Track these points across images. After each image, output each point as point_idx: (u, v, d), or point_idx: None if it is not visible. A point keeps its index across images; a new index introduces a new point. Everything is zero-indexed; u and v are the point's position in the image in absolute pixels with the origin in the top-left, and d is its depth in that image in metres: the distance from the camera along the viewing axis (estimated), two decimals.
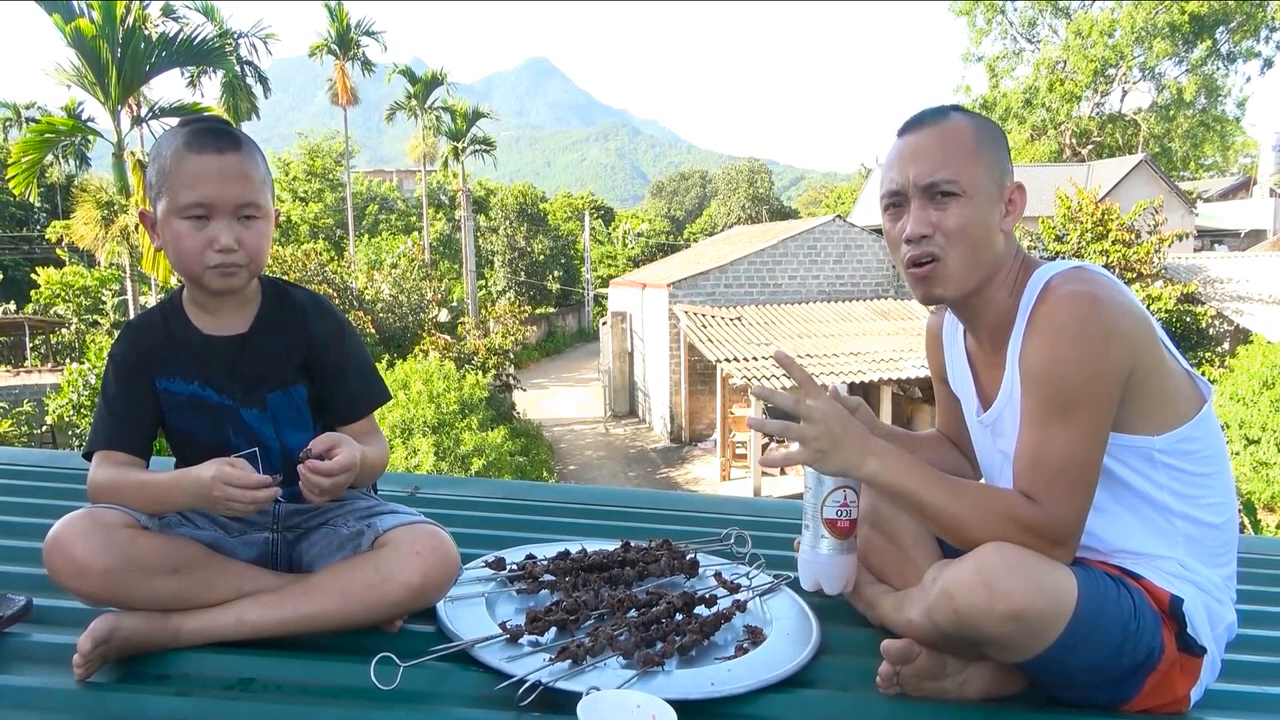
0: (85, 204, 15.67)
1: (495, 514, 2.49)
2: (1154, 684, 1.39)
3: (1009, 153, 1.52)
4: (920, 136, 1.47)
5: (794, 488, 14.84)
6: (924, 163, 1.45)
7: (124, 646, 1.44)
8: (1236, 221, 29.13)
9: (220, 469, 1.41)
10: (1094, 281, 1.36)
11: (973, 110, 1.55)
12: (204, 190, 1.50)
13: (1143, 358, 1.36)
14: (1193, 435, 1.41)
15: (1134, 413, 1.38)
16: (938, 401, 1.83)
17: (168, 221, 1.53)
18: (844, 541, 1.67)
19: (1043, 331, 1.37)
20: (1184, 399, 1.42)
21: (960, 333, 1.66)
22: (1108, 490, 1.42)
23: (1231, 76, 32.99)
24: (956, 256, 1.46)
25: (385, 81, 33.47)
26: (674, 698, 1.32)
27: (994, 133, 1.50)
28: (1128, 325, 1.34)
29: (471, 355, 18.52)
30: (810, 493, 1.67)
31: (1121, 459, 1.41)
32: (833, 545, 1.66)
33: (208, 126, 1.57)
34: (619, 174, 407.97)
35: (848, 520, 1.65)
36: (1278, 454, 11.91)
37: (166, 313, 1.67)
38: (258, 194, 1.56)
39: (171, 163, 1.52)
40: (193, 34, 16.24)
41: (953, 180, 1.43)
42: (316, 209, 36.78)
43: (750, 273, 18.68)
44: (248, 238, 1.55)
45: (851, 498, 1.65)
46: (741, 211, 49.02)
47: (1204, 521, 1.44)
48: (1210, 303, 17.06)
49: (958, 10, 34.89)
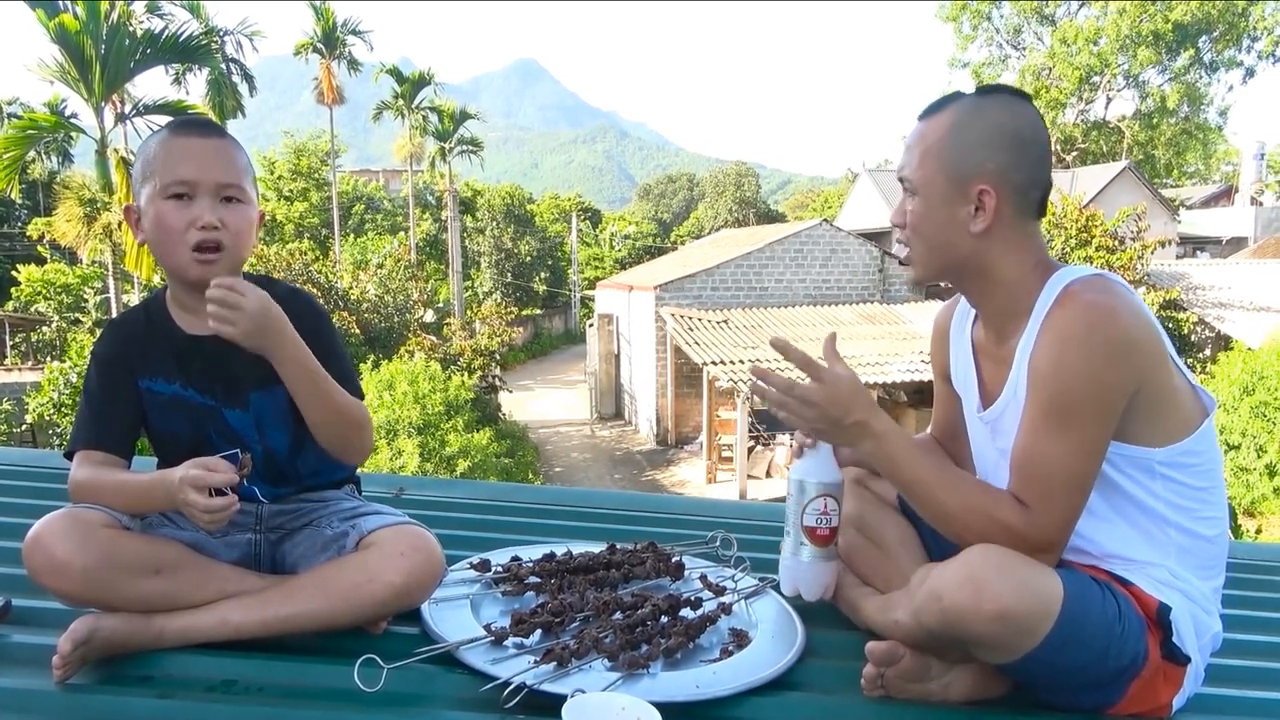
0: (67, 201, 15.51)
1: (480, 515, 2.48)
2: (1137, 690, 1.40)
3: (1010, 149, 1.42)
4: (917, 126, 1.51)
5: (780, 491, 14.87)
6: (905, 153, 1.51)
7: (105, 648, 1.42)
8: (1218, 229, 29.40)
9: (187, 472, 1.39)
10: (1113, 292, 1.36)
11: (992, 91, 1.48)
12: (187, 169, 1.51)
13: (1152, 374, 1.36)
14: (1193, 449, 1.42)
15: (1137, 424, 1.38)
16: (936, 401, 1.82)
17: (151, 206, 1.53)
18: (824, 549, 1.68)
19: (1055, 336, 1.37)
20: (1187, 412, 1.42)
21: (969, 323, 1.64)
22: (1104, 497, 1.43)
23: (1214, 85, 33.30)
24: (915, 249, 1.53)
25: (372, 81, 33.37)
26: (659, 700, 1.32)
27: (985, 129, 1.43)
28: (1141, 340, 1.34)
29: (457, 356, 18.46)
30: (792, 500, 1.68)
31: (1121, 468, 1.42)
32: (813, 553, 1.68)
33: (191, 118, 1.63)
34: (606, 176, 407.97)
35: (828, 528, 1.66)
36: (1258, 459, 12.04)
37: (150, 311, 1.66)
38: (241, 178, 1.56)
39: (156, 150, 1.54)
40: (178, 31, 16.09)
41: (907, 178, 1.49)
42: (302, 208, 36.56)
43: (737, 276, 18.72)
44: (230, 218, 1.54)
45: (832, 506, 1.66)
46: (729, 214, 49.15)
47: (1197, 534, 1.45)
48: (1192, 309, 17.22)
49: (944, 16, 35.08)
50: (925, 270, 1.54)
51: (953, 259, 1.49)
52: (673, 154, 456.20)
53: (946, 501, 1.41)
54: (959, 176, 1.44)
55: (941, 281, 1.55)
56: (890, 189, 26.76)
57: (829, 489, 1.65)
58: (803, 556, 1.68)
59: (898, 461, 1.45)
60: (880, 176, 28.74)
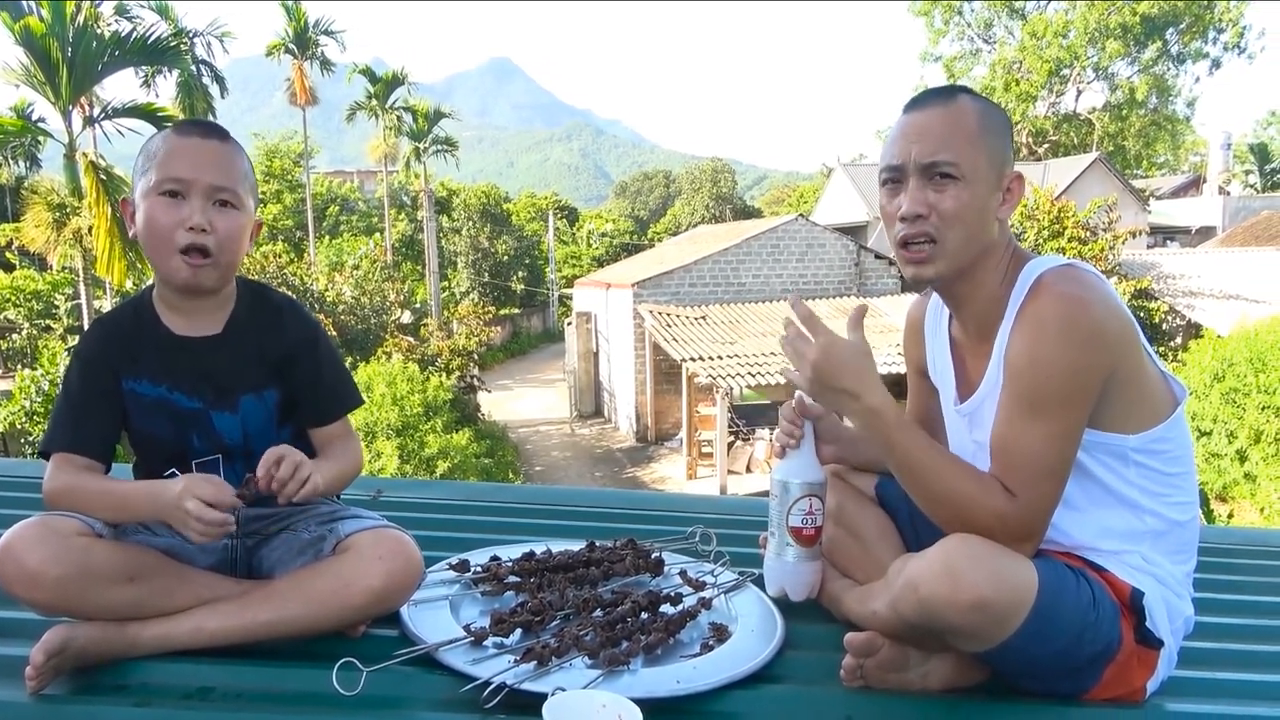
0: (36, 206, 15.30)
1: (460, 516, 2.47)
2: (1112, 675, 1.42)
3: (1012, 141, 1.51)
4: (926, 115, 1.46)
5: (760, 486, 14.93)
6: (927, 142, 1.43)
7: (79, 657, 1.41)
8: (1187, 219, 29.81)
9: (193, 483, 1.38)
10: (1084, 282, 1.37)
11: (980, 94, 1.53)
12: (181, 167, 1.51)
13: (1124, 360, 1.38)
14: (1165, 436, 1.44)
15: (1111, 412, 1.40)
16: (911, 394, 1.82)
17: (145, 202, 1.52)
18: (809, 549, 1.69)
19: (1029, 327, 1.38)
20: (1159, 400, 1.44)
21: (945, 320, 1.65)
22: (1078, 484, 1.44)
23: (1181, 77, 33.72)
24: (950, 240, 1.45)
25: (345, 81, 33.09)
26: (640, 696, 1.32)
27: (1000, 120, 1.48)
28: (1113, 329, 1.36)
29: (435, 357, 18.38)
30: (776, 501, 1.69)
31: (1095, 455, 1.43)
32: (798, 553, 1.68)
33: (198, 120, 1.63)
34: (583, 174, 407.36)
35: (813, 528, 1.67)
36: (1228, 445, 12.22)
37: (138, 311, 1.63)
38: (236, 184, 1.55)
39: (158, 146, 1.54)
40: (146, 33, 15.89)
41: (953, 163, 1.42)
42: (275, 210, 36.24)
43: (714, 272, 18.74)
44: (221, 223, 1.53)
45: (817, 505, 1.66)
46: (705, 211, 49.16)
47: (1170, 519, 1.47)
48: (1163, 298, 17.44)
49: (916, 11, 35.28)
50: (954, 262, 1.47)
51: (982, 250, 1.48)
52: (649, 151, 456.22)
53: (936, 484, 1.42)
54: (998, 163, 1.45)
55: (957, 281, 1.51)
56: (865, 183, 26.86)
57: (813, 489, 1.66)
58: (788, 557, 1.69)
59: (891, 440, 1.45)
60: (855, 171, 28.83)
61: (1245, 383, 12.19)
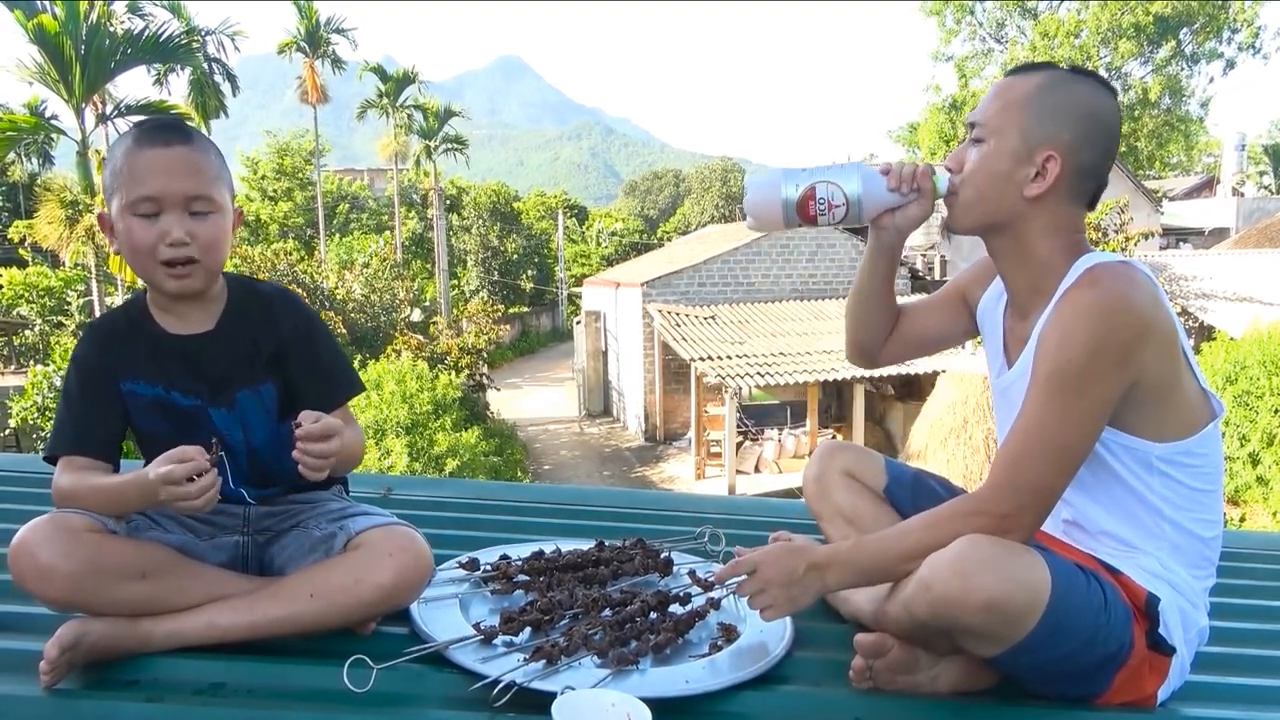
0: (49, 203, 15.38)
1: (469, 514, 2.48)
2: (1123, 679, 1.41)
3: (1086, 130, 1.44)
4: (1003, 80, 1.52)
5: (769, 485, 14.91)
6: (981, 104, 1.51)
7: (91, 652, 1.42)
8: (1200, 220, 29.63)
9: (158, 471, 1.37)
10: (1132, 279, 1.36)
11: (1086, 72, 1.50)
12: (152, 184, 1.48)
13: (1157, 363, 1.36)
14: (1195, 450, 1.43)
15: (1137, 415, 1.39)
16: (931, 298, 1.85)
17: (121, 221, 1.51)
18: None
19: (1066, 313, 1.38)
20: (1193, 414, 1.43)
21: (1001, 305, 1.65)
22: (1101, 482, 1.45)
23: (1195, 77, 33.45)
24: (963, 195, 1.52)
25: (356, 79, 33.15)
26: (649, 696, 1.32)
27: (1068, 103, 1.44)
28: (1151, 329, 1.35)
29: (444, 355, 18.41)
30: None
31: (1118, 456, 1.43)
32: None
33: (156, 122, 1.56)
34: (592, 173, 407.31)
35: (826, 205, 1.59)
36: (1240, 448, 12.14)
37: (130, 313, 1.64)
38: (209, 187, 1.53)
39: (122, 161, 1.51)
40: (158, 31, 15.98)
41: (981, 122, 1.49)
42: (286, 208, 36.37)
43: (724, 272, 18.73)
44: (200, 231, 1.52)
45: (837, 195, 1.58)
46: (715, 210, 49.15)
47: (1193, 532, 1.46)
48: (1175, 300, 17.33)
49: (928, 10, 35.16)
50: (964, 218, 1.53)
51: (995, 215, 1.50)
52: (658, 150, 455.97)
53: (917, 548, 1.41)
54: (1033, 137, 1.45)
55: (979, 236, 1.56)
56: None
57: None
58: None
59: (863, 567, 1.48)
60: None
61: (1258, 385, 12.11)
